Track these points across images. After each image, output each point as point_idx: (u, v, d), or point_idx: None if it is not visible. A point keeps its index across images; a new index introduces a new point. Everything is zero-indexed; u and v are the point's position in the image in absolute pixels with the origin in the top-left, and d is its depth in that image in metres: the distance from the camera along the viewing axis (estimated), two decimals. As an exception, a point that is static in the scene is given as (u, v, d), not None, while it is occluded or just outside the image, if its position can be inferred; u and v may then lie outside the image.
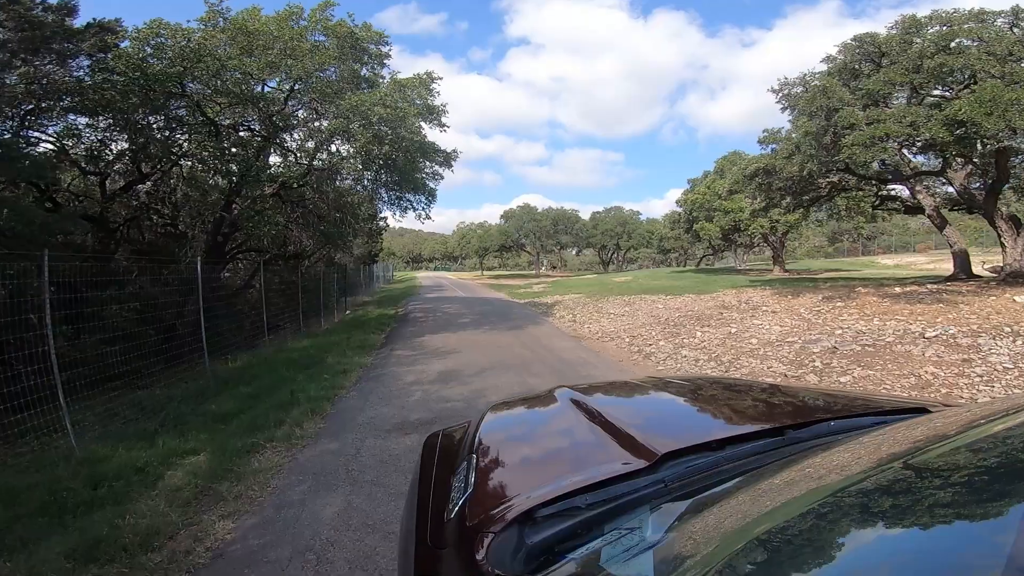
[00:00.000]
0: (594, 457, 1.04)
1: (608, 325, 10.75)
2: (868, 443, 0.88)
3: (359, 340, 9.09)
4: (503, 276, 44.74)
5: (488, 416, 1.45)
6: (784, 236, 27.71)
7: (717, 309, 11.11)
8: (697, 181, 28.26)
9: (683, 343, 8.23)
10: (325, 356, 7.69)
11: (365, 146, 8.17)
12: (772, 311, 10.08)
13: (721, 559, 0.56)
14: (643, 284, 20.49)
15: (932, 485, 0.62)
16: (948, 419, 0.93)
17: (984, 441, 0.71)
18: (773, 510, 0.67)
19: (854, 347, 6.81)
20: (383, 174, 11.20)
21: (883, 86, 8.96)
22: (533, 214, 43.81)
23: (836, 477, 0.74)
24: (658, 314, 11.49)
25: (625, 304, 14.00)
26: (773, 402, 1.48)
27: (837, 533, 0.58)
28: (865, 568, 0.51)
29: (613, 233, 46.33)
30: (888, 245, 49.02)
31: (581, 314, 12.80)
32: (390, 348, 8.37)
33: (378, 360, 7.40)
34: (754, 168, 12.52)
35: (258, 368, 7.05)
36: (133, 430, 4.62)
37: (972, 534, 0.50)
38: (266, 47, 8.23)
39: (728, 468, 0.96)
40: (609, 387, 1.97)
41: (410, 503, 1.16)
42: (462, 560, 0.85)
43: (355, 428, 4.28)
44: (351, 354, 7.74)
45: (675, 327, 9.58)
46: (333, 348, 8.46)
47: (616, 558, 0.73)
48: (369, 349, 8.37)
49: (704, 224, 24.83)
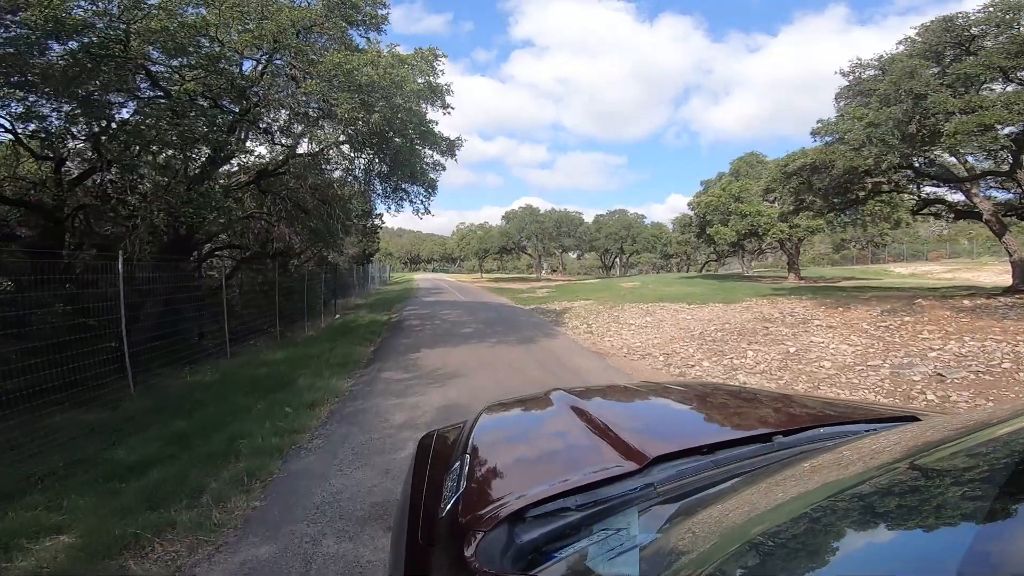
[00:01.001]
0: (586, 459, 1.04)
1: (632, 338, 9.30)
2: (857, 449, 0.90)
3: (342, 354, 7.61)
4: (503, 279, 43.20)
5: (483, 417, 1.45)
6: (800, 242, 26.43)
7: (758, 322, 9.68)
8: (711, 183, 26.91)
9: (734, 365, 6.77)
10: (297, 375, 6.20)
11: (351, 116, 6.63)
12: (827, 326, 8.64)
13: (709, 562, 0.56)
14: (656, 291, 19.07)
15: (919, 491, 0.63)
16: (937, 426, 0.95)
17: (973, 448, 0.71)
18: (762, 514, 0.69)
19: (964, 374, 5.37)
20: (376, 161, 9.72)
21: (983, 71, 7.59)
22: (536, 215, 42.34)
23: (825, 482, 0.75)
24: (688, 326, 10.05)
25: (644, 313, 12.56)
26: (765, 408, 1.47)
27: (825, 537, 0.58)
28: (854, 572, 0.51)
29: (617, 237, 44.91)
30: (898, 253, 47.80)
31: (597, 324, 11.35)
32: (377, 367, 6.87)
33: (360, 386, 5.90)
34: (799, 164, 11.09)
35: (208, 390, 5.56)
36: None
37: (959, 538, 0.49)
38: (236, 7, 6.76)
39: (718, 472, 0.96)
40: (604, 391, 1.95)
41: (402, 502, 1.17)
42: (452, 558, 0.84)
43: (308, 513, 2.76)
44: (328, 374, 6.25)
45: (716, 343, 8.14)
46: (310, 363, 6.98)
47: (603, 558, 0.74)
48: (352, 368, 6.88)
49: (719, 228, 23.42)
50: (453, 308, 15.80)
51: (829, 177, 10.93)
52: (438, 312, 14.40)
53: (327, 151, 10.43)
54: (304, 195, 11.09)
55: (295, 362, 7.08)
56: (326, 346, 8.53)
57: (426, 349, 8.02)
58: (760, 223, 22.02)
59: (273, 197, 10.57)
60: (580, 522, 0.85)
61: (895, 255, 47.49)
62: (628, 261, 50.57)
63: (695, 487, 0.91)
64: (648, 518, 0.81)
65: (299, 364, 6.93)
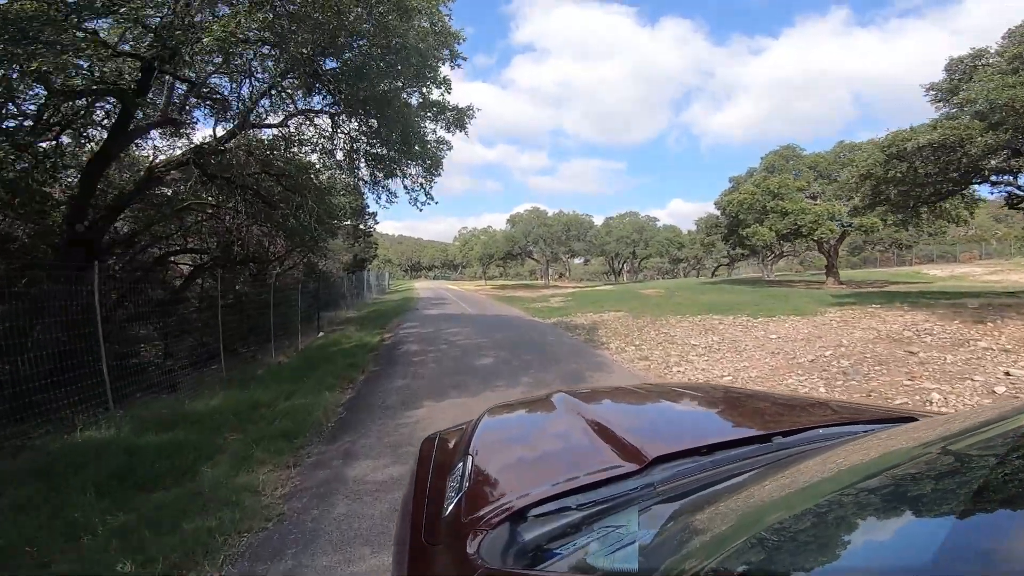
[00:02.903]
0: (587, 460, 1.04)
1: (711, 368, 6.71)
2: (856, 448, 0.91)
3: (302, 407, 4.97)
4: (508, 286, 40.45)
5: (485, 418, 1.45)
6: (840, 243, 23.87)
7: (885, 343, 7.06)
8: (740, 179, 24.37)
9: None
10: (204, 455, 3.61)
11: (313, 40, 4.10)
12: (1001, 348, 6.03)
13: (708, 558, 0.56)
14: (691, 299, 16.45)
15: (916, 489, 0.63)
16: (934, 427, 0.95)
17: (971, 446, 0.71)
18: (762, 512, 0.69)
19: None
20: (358, 125, 7.13)
21: None
22: (543, 219, 39.76)
23: (823, 481, 0.76)
24: (780, 348, 7.44)
25: (702, 329, 9.95)
26: (765, 409, 1.47)
27: (825, 534, 0.58)
28: (853, 568, 0.51)
29: (629, 240, 42.34)
30: (924, 255, 45.26)
31: (649, 345, 8.74)
32: (345, 447, 3.99)
33: (301, 501, 3.12)
34: (916, 143, 8.50)
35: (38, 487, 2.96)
36: None
37: (954, 535, 0.49)
38: None
39: (718, 472, 0.96)
40: (606, 393, 1.94)
41: (406, 502, 1.16)
42: (455, 556, 0.84)
43: None
44: (256, 461, 3.62)
45: (852, 378, 5.53)
46: (244, 426, 4.38)
47: (604, 554, 0.74)
48: (302, 445, 4.10)
49: (756, 228, 20.82)
50: (461, 324, 13.14)
51: (947, 160, 8.39)
52: (443, 331, 11.72)
53: (290, 122, 7.87)
54: (267, 182, 8.53)
55: (219, 422, 4.45)
56: (285, 388, 5.91)
57: (430, 401, 5.24)
58: (805, 221, 19.45)
59: (224, 185, 8.00)
60: (581, 521, 0.85)
61: (922, 257, 44.92)
62: (639, 266, 47.97)
63: (695, 487, 0.91)
64: (648, 517, 0.81)
65: (222, 428, 4.32)
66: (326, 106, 7.08)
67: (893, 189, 10.65)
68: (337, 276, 19.79)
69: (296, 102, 7.89)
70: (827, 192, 21.11)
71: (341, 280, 19.49)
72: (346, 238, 18.66)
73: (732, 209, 22.48)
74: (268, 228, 10.02)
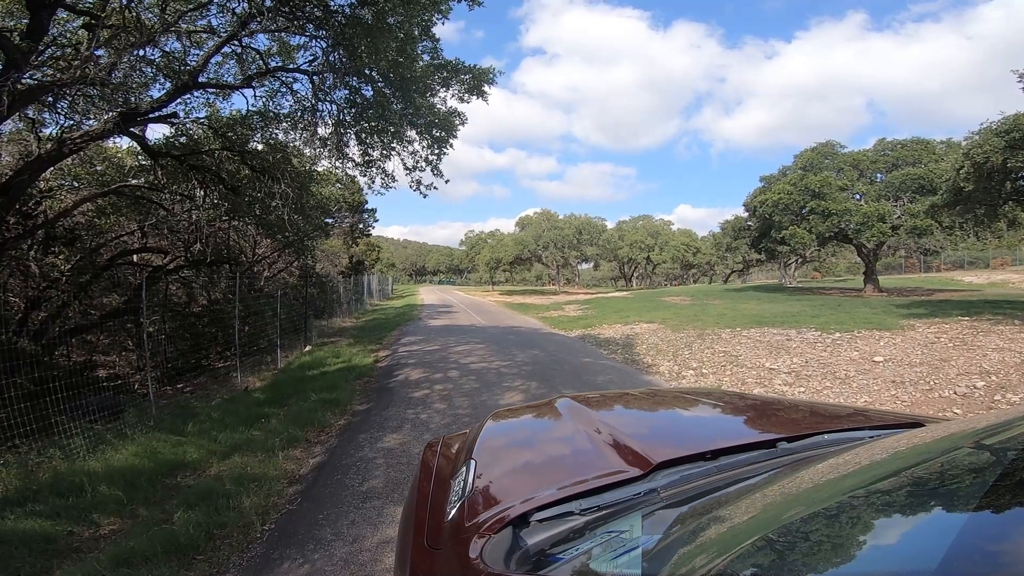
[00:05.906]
0: (590, 464, 1.03)
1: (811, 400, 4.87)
2: (862, 454, 0.88)
3: (234, 481, 3.18)
4: (517, 292, 38.54)
5: (488, 423, 1.42)
6: (880, 248, 21.92)
7: (1015, 369, 5.21)
8: (773, 178, 22.48)
9: None
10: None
11: None
12: None
13: (711, 563, 0.55)
14: (732, 308, 14.61)
15: (923, 494, 0.62)
16: (941, 432, 0.92)
17: (978, 452, 0.70)
18: (766, 517, 0.68)
19: None
20: (338, 56, 5.37)
21: None
22: (554, 221, 37.95)
23: (828, 487, 0.74)
24: (899, 376, 5.59)
25: (766, 346, 8.11)
26: (770, 415, 1.44)
27: (829, 539, 0.57)
28: (859, 574, 0.50)
29: (643, 245, 40.46)
30: (954, 261, 43.05)
31: (703, 365, 6.94)
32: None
33: None
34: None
35: None
36: None
37: (961, 539, 0.48)
38: None
39: (722, 478, 0.94)
40: (611, 398, 1.85)
41: (408, 506, 1.14)
42: (457, 560, 0.82)
43: None
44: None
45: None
46: (134, 512, 2.61)
47: (607, 559, 0.73)
48: (211, 557, 2.40)
49: (794, 230, 18.92)
50: (472, 338, 11.29)
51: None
52: (451, 348, 9.84)
53: (259, 89, 6.18)
54: (230, 164, 6.79)
55: (98, 501, 2.68)
56: (228, 437, 4.14)
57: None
58: (852, 222, 17.56)
59: (175, 166, 6.27)
60: (584, 526, 0.83)
61: (950, 263, 42.76)
62: (654, 271, 46.03)
63: (698, 492, 0.89)
64: (652, 522, 0.80)
65: (97, 509, 2.55)
66: (306, 39, 5.35)
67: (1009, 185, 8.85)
68: (334, 280, 18.08)
69: (267, 60, 6.19)
70: (870, 192, 19.27)
71: (338, 284, 17.79)
72: (344, 238, 16.95)
73: (765, 210, 20.59)
74: (239, 223, 8.31)
